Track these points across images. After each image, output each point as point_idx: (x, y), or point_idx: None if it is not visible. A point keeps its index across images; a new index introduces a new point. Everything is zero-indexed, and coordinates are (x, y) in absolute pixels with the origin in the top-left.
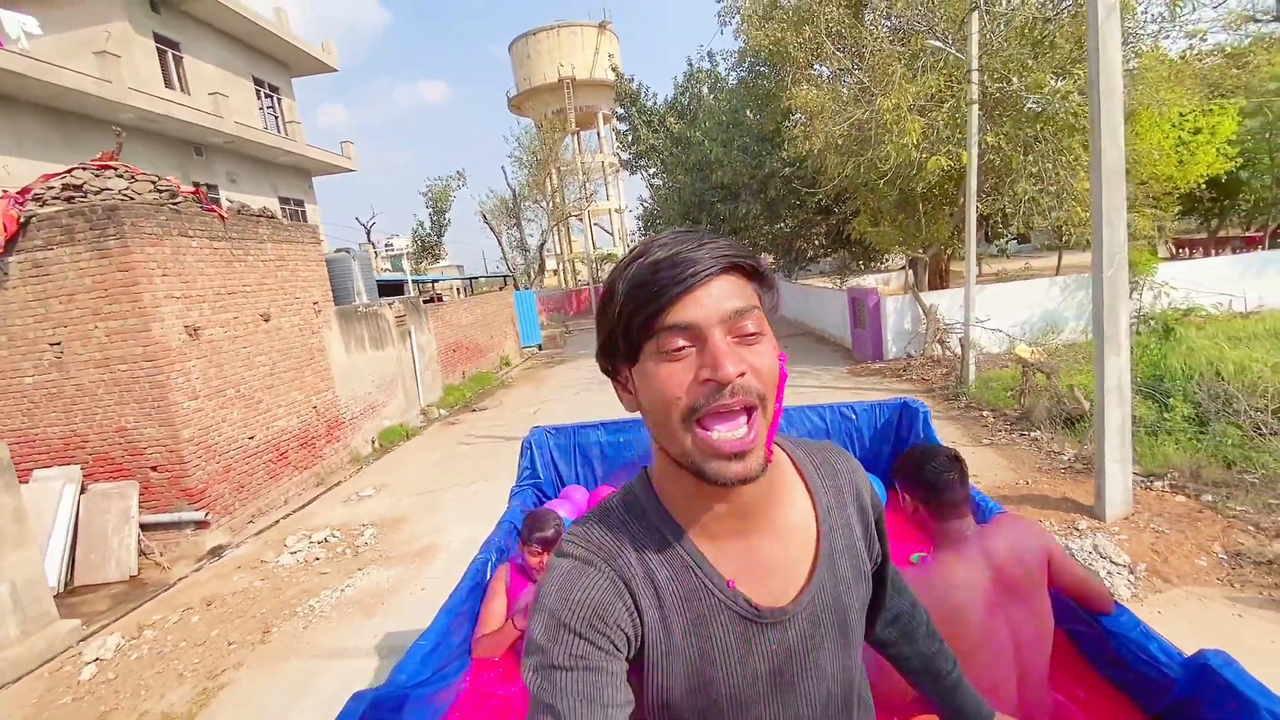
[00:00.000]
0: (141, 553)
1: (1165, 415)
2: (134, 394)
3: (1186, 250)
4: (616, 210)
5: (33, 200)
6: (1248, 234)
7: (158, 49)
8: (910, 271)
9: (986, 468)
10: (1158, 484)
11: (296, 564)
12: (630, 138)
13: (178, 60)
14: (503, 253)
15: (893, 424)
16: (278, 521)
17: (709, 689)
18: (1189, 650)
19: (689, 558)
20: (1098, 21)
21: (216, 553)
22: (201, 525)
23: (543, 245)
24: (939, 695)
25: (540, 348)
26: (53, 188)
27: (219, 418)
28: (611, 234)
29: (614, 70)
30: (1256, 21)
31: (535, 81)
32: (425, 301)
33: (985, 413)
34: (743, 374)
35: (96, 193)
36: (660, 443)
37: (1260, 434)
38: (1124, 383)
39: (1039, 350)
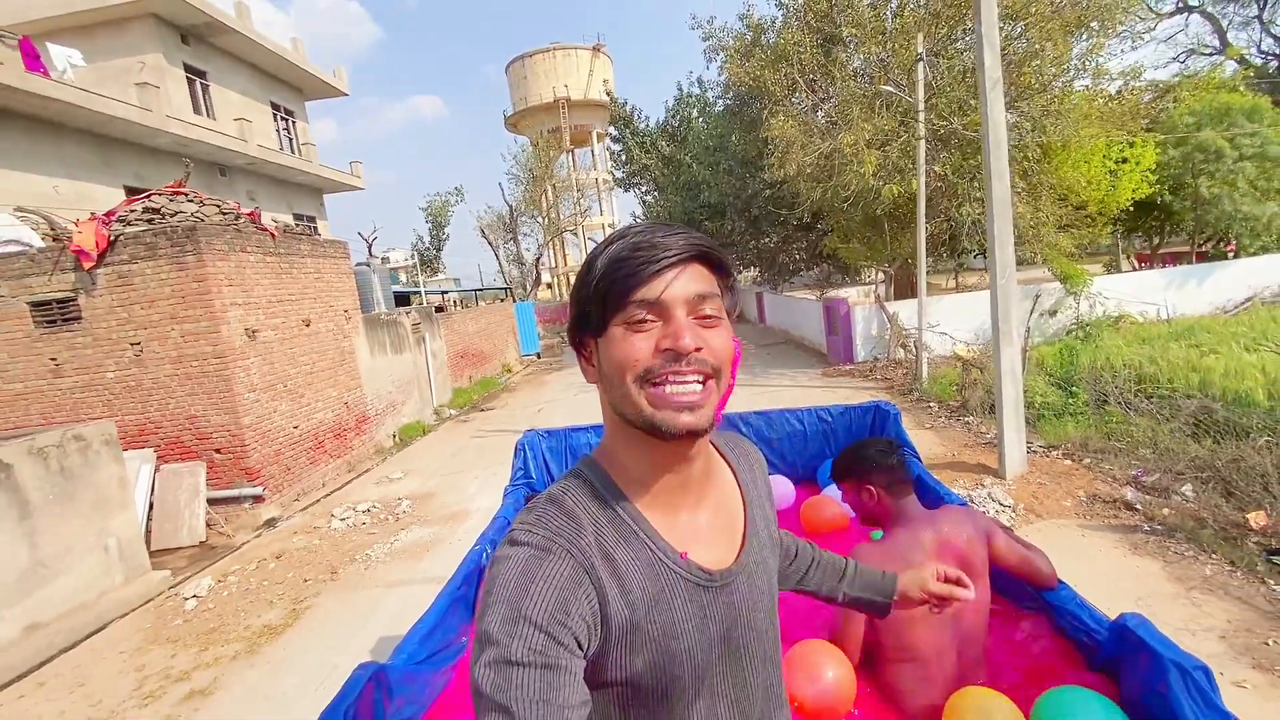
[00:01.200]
0: (208, 524)
1: (1070, 400)
2: (203, 386)
3: (1148, 264)
4: (610, 225)
5: (118, 221)
6: (1198, 249)
7: (187, 78)
8: (879, 284)
9: (924, 445)
10: (1055, 453)
11: (347, 528)
12: (624, 158)
13: (205, 88)
14: (500, 266)
15: (866, 425)
16: (319, 500)
17: (672, 662)
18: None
19: (644, 534)
20: (985, 91)
21: (271, 523)
22: (258, 499)
23: (538, 259)
24: (853, 585)
25: (539, 356)
26: (135, 210)
27: (271, 408)
28: None
29: (609, 95)
30: (1199, 54)
31: (532, 101)
32: (435, 311)
33: (932, 404)
34: (699, 349)
35: (172, 215)
36: (616, 406)
37: (1131, 412)
38: (1015, 368)
39: (975, 350)
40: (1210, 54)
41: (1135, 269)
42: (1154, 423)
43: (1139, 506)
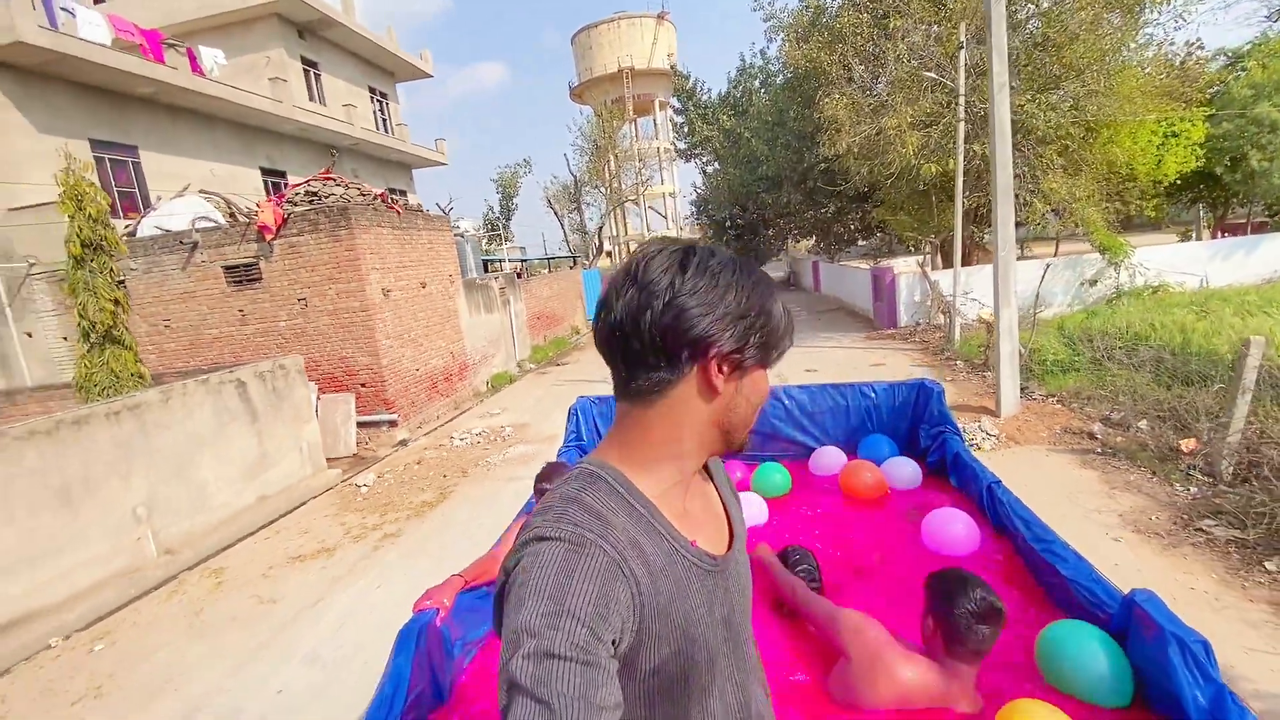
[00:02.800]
0: (357, 441)
1: (1075, 357)
2: (352, 334)
3: (1230, 233)
4: (670, 194)
5: (288, 203)
6: (1255, 221)
7: (303, 69)
8: (926, 254)
9: (948, 393)
10: (1051, 399)
11: (465, 445)
12: (686, 129)
13: (317, 78)
14: (564, 235)
15: (910, 402)
16: (436, 428)
17: (693, 647)
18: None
19: (661, 526)
20: (993, 93)
21: (403, 443)
22: (392, 424)
23: (601, 228)
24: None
25: None
26: (299, 193)
27: (400, 353)
28: (665, 217)
29: (673, 68)
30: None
31: (596, 72)
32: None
33: (959, 362)
34: None
35: (326, 196)
36: (725, 425)
37: (1113, 364)
38: (1012, 326)
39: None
40: None
41: (1217, 238)
42: (1130, 373)
43: (1099, 437)
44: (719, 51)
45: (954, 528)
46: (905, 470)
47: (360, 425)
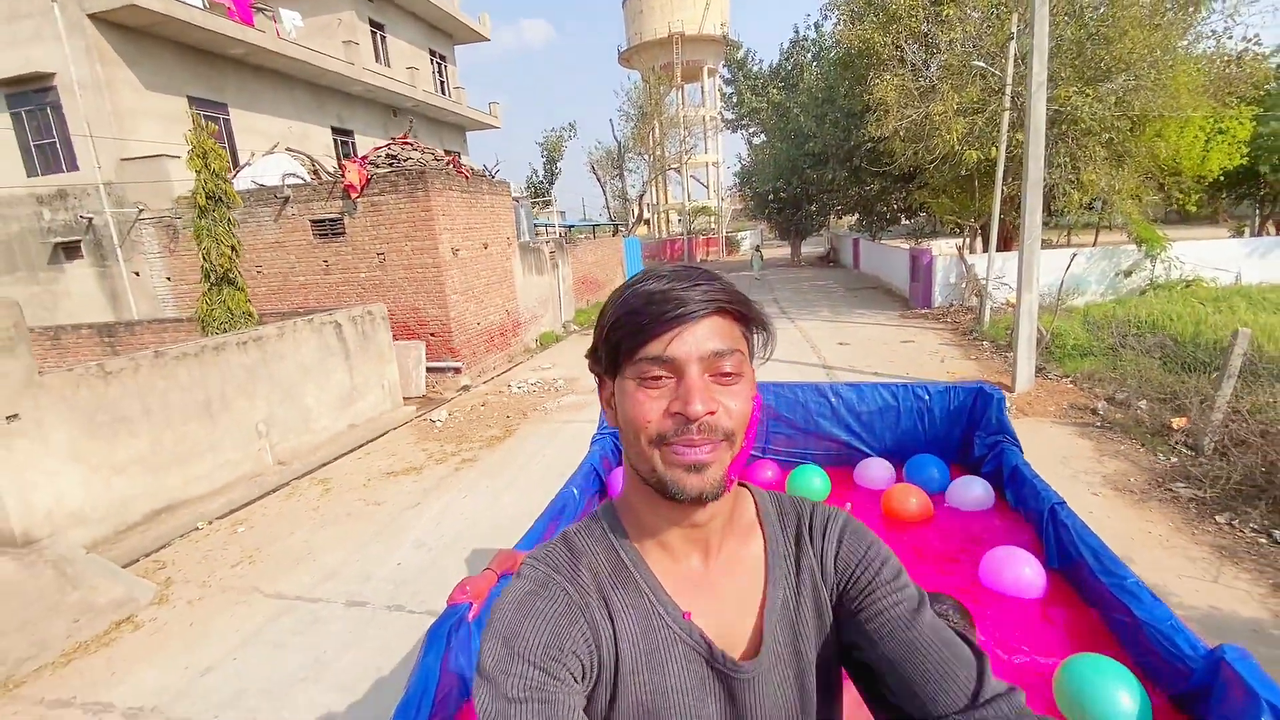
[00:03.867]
0: (426, 384)
1: (1095, 342)
2: (424, 288)
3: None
4: (713, 163)
5: (370, 165)
6: None
7: (371, 31)
8: (967, 236)
9: (961, 366)
10: (1066, 380)
11: (522, 393)
12: (735, 100)
13: (383, 39)
14: (606, 201)
15: (966, 407)
16: (494, 377)
17: None
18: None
19: (645, 584)
20: (1031, 90)
21: (466, 389)
22: (457, 371)
23: (642, 195)
24: None
25: None
26: (380, 156)
27: (465, 308)
28: (706, 186)
29: (724, 36)
30: None
31: (646, 36)
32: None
33: (985, 343)
34: (712, 412)
35: (405, 160)
36: (630, 459)
37: (1124, 349)
38: (1032, 310)
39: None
40: None
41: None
42: (1140, 358)
43: (1101, 413)
44: (773, 18)
45: (1017, 569)
46: (974, 491)
47: (429, 370)
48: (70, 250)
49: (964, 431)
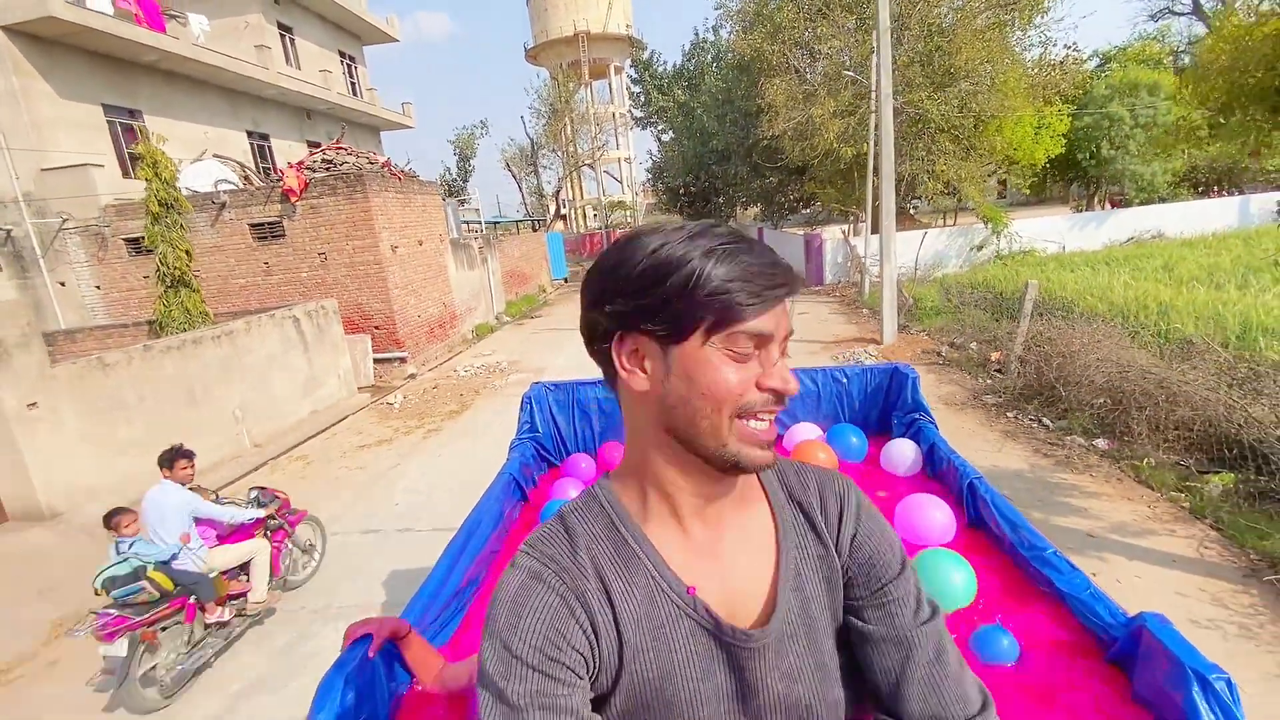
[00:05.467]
0: (375, 374)
1: (947, 303)
2: (367, 284)
3: (1116, 206)
4: (626, 159)
5: (307, 169)
6: (1113, 199)
7: (280, 34)
8: (850, 222)
9: (842, 329)
10: (922, 333)
11: (471, 375)
12: (643, 99)
13: (291, 42)
14: (522, 198)
15: (883, 388)
16: (439, 365)
17: (669, 712)
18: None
19: (648, 561)
20: (880, 103)
21: (412, 376)
22: (403, 360)
23: (557, 192)
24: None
25: (566, 280)
26: (316, 160)
27: (406, 302)
28: (620, 181)
29: (630, 38)
30: (1174, 14)
31: (552, 34)
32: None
33: (865, 310)
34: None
35: (340, 164)
36: (691, 433)
37: (974, 307)
38: (893, 278)
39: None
40: (1185, 13)
41: (1106, 209)
42: (977, 312)
43: (943, 354)
44: (675, 15)
45: (931, 514)
46: (906, 454)
47: (376, 361)
48: None
49: (882, 411)
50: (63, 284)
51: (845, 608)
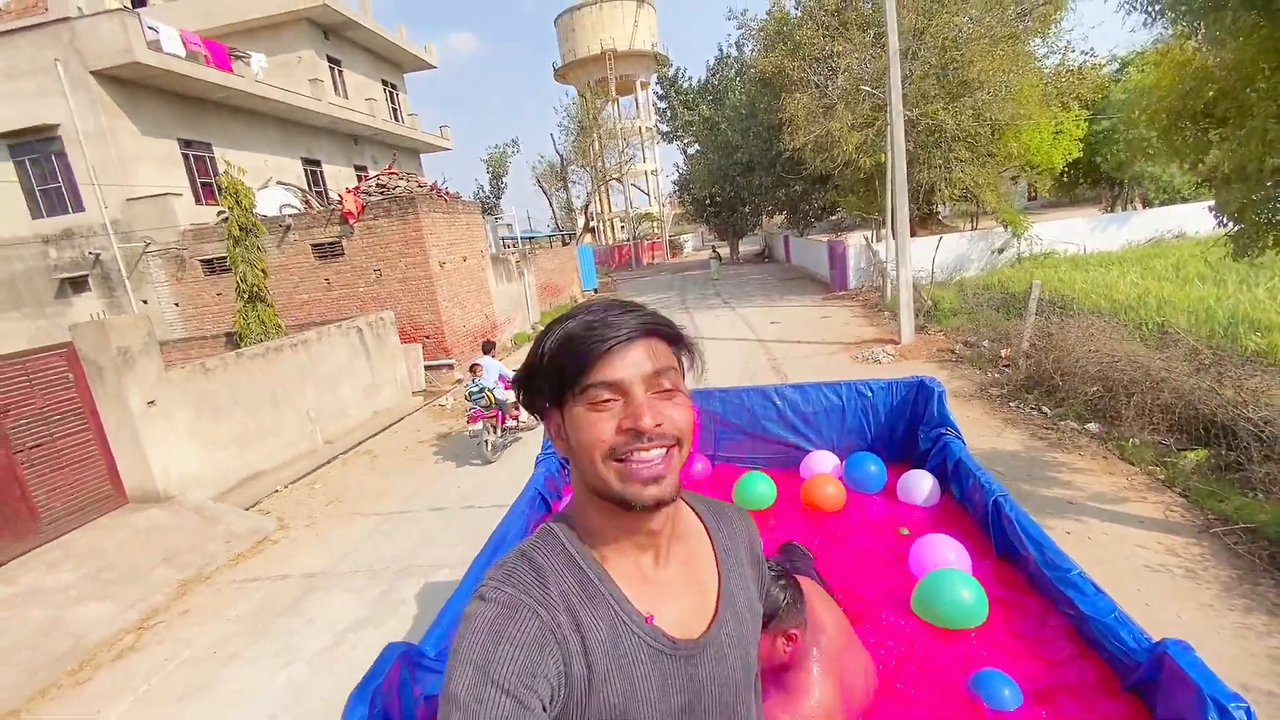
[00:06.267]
0: (426, 380)
1: (963, 304)
2: (419, 297)
3: (1143, 206)
4: (652, 172)
5: (363, 194)
6: (1139, 201)
7: (329, 66)
8: (874, 228)
9: (866, 331)
10: (939, 332)
11: (512, 378)
12: (669, 114)
13: (340, 73)
14: (553, 213)
15: (909, 401)
16: None
17: None
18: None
19: (610, 595)
20: (891, 119)
21: (459, 382)
22: (450, 368)
23: (586, 205)
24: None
25: (596, 291)
26: (371, 185)
27: (454, 313)
28: (647, 194)
29: (655, 55)
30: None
31: (580, 53)
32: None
33: (886, 313)
34: (659, 424)
35: (393, 189)
36: (587, 479)
37: (988, 307)
38: (908, 282)
39: (919, 277)
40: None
41: (1138, 209)
42: (991, 312)
43: (957, 352)
44: (698, 30)
45: (945, 556)
46: (923, 486)
47: (426, 368)
48: (77, 284)
49: (908, 426)
50: (145, 302)
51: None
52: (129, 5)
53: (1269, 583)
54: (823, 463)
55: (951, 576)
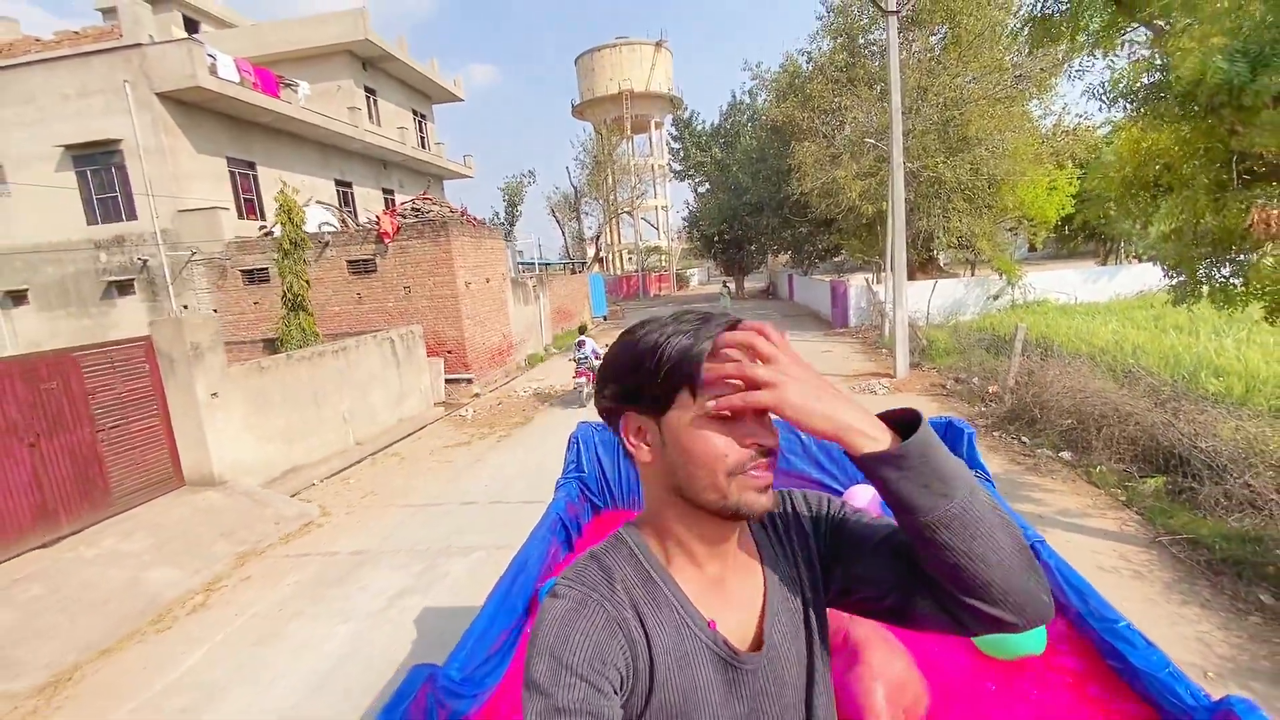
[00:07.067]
0: (446, 393)
1: (956, 344)
2: (444, 315)
3: (1138, 260)
4: (662, 207)
5: (399, 216)
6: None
7: (366, 95)
8: (875, 270)
9: (863, 366)
10: (933, 370)
11: (527, 395)
12: (682, 154)
13: (375, 102)
14: (565, 242)
15: None
16: (499, 387)
17: None
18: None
19: (674, 599)
20: (892, 171)
21: (477, 396)
22: (469, 382)
23: (598, 237)
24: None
25: (605, 318)
26: (406, 208)
27: (475, 331)
28: (656, 228)
29: (671, 99)
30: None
31: (597, 92)
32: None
33: (884, 350)
34: (776, 438)
35: (426, 212)
36: (694, 490)
37: (978, 347)
38: (903, 322)
39: (915, 317)
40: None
41: (1132, 263)
42: (981, 351)
43: (948, 387)
44: (711, 77)
45: None
46: None
47: (447, 381)
48: (123, 287)
49: None
50: (185, 307)
51: (835, 571)
52: (186, 33)
53: (1203, 583)
54: (862, 495)
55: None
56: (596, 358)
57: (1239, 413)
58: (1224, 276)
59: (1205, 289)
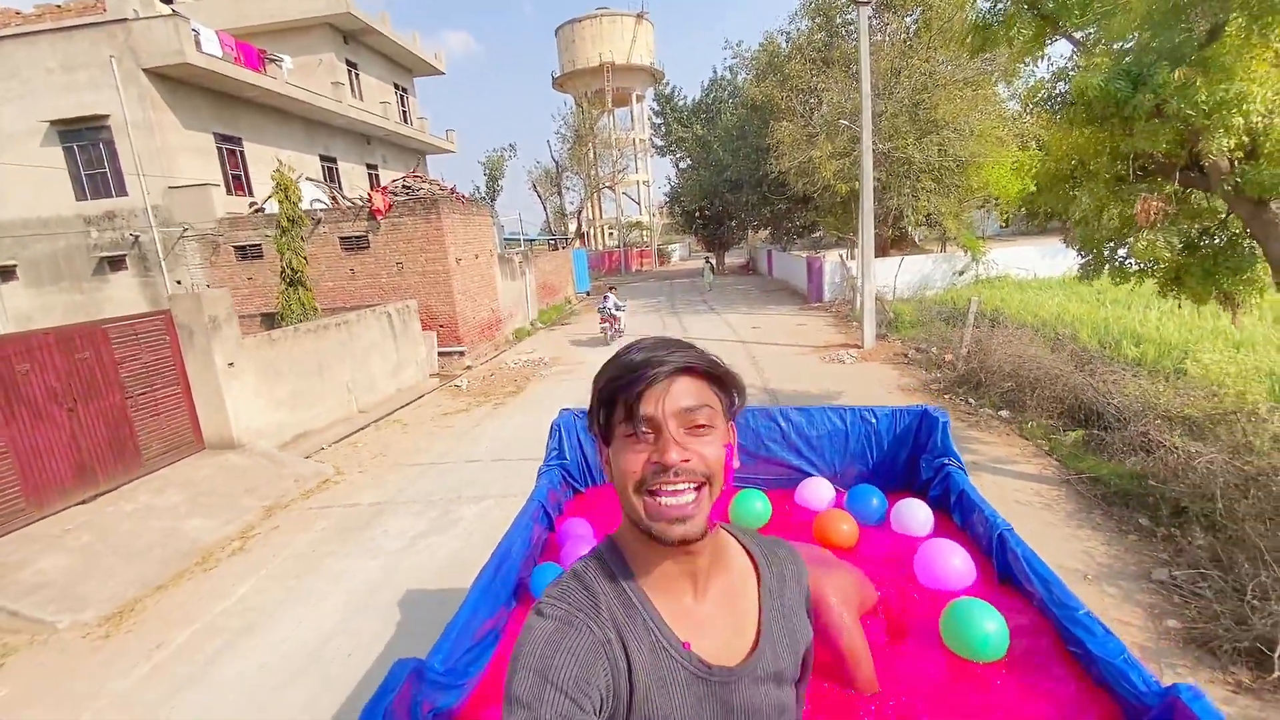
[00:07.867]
0: (439, 365)
1: (920, 317)
2: (436, 290)
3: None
4: (644, 182)
5: (391, 193)
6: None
7: (347, 69)
8: (848, 246)
9: (834, 337)
10: (898, 340)
11: (518, 366)
12: (663, 129)
13: (357, 76)
14: (547, 217)
15: (912, 430)
16: (489, 359)
17: None
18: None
19: (650, 620)
20: (863, 154)
21: (469, 368)
22: (461, 355)
23: (579, 212)
24: None
25: (588, 294)
26: (397, 185)
27: (466, 305)
28: (638, 203)
29: (652, 72)
30: None
31: (579, 64)
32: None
33: (855, 323)
34: (686, 460)
35: (417, 189)
36: (624, 509)
37: (939, 319)
38: (870, 296)
39: (883, 291)
40: None
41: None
42: (940, 324)
43: (909, 356)
44: (694, 42)
45: (950, 561)
46: (918, 515)
47: (440, 354)
48: (115, 263)
49: (910, 454)
50: (179, 282)
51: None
52: (165, 3)
53: (1098, 512)
54: (820, 491)
55: (973, 608)
56: (617, 309)
57: (1143, 374)
58: (1120, 258)
59: (1106, 268)
